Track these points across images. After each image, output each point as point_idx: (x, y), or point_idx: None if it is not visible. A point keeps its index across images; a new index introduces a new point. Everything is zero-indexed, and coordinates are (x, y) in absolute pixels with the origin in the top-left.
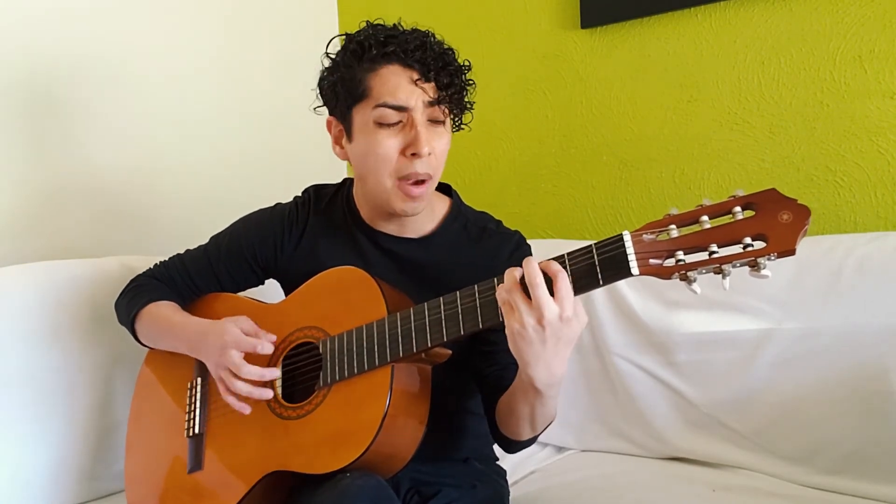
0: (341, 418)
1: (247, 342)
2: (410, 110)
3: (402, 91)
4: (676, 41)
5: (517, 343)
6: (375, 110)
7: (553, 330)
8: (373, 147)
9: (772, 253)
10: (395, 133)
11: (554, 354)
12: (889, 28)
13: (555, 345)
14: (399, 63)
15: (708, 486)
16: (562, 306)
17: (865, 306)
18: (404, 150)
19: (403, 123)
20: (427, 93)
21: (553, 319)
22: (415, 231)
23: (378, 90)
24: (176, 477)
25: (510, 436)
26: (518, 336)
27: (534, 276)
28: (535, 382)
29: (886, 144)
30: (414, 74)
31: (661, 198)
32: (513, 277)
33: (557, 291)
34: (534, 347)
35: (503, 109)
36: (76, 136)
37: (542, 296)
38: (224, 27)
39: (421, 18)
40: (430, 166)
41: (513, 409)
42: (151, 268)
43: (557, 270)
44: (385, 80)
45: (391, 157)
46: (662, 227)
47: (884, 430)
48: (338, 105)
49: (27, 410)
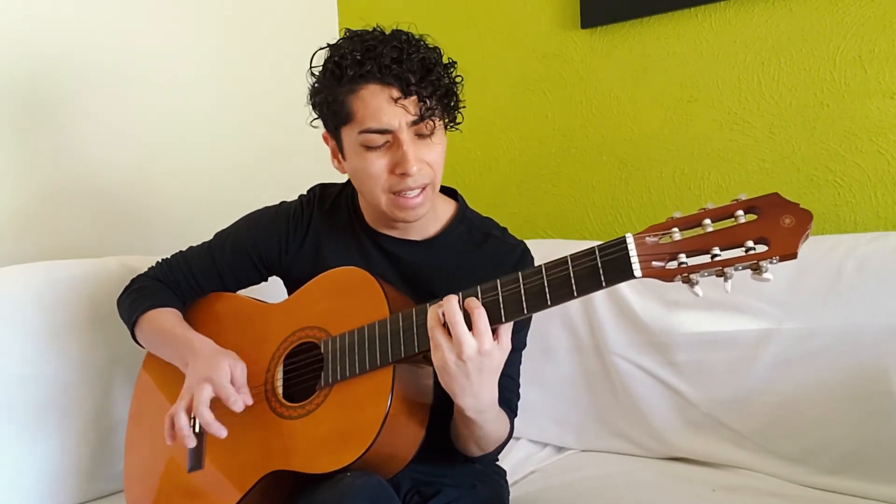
0: (342, 418)
1: (224, 389)
2: (395, 131)
3: (383, 114)
4: (676, 41)
5: (442, 377)
6: (360, 135)
7: (474, 364)
8: (363, 168)
9: (774, 256)
10: (382, 154)
11: (479, 384)
12: (889, 28)
13: (478, 376)
14: (376, 82)
15: (708, 486)
16: (480, 340)
17: (865, 306)
18: (393, 168)
19: (390, 143)
20: (408, 110)
21: (472, 354)
22: (418, 234)
23: (360, 114)
24: (175, 476)
25: (462, 452)
26: (442, 371)
27: (452, 314)
28: (466, 411)
29: (886, 144)
30: (394, 92)
31: (661, 198)
32: (435, 315)
33: (475, 326)
34: (458, 381)
35: (503, 109)
36: (76, 136)
37: (461, 333)
38: (224, 27)
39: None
40: (425, 177)
41: (457, 432)
42: (154, 266)
43: (475, 307)
44: (366, 104)
45: (381, 177)
46: (665, 229)
47: (884, 430)
48: (327, 124)
49: (27, 410)
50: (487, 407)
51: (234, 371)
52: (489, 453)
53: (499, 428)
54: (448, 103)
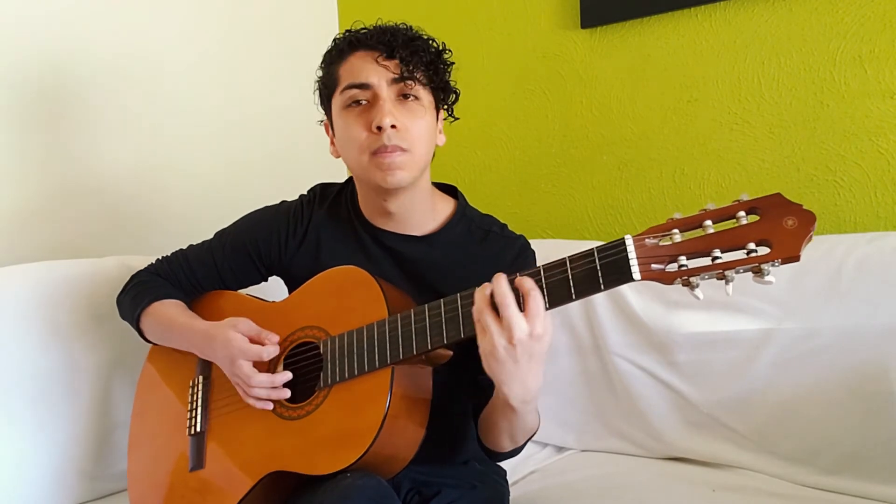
0: (342, 419)
1: (252, 351)
2: (374, 87)
3: (364, 70)
4: (676, 41)
5: (490, 362)
6: (343, 94)
7: (524, 348)
8: (345, 130)
9: (776, 259)
10: (362, 112)
11: (527, 371)
12: (889, 28)
13: (527, 362)
14: (364, 49)
15: (708, 486)
16: (532, 324)
17: (865, 306)
18: (370, 125)
19: (370, 102)
20: (390, 69)
21: (523, 338)
22: (416, 228)
23: (345, 75)
24: (178, 475)
25: (492, 447)
26: (490, 356)
27: (503, 296)
28: (511, 400)
29: (886, 144)
30: (377, 55)
31: (661, 198)
32: (483, 296)
33: (528, 309)
34: (506, 367)
35: (503, 109)
36: (76, 136)
37: (512, 315)
38: (224, 28)
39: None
40: (401, 139)
41: (492, 423)
42: (154, 263)
43: (530, 288)
44: (352, 66)
45: (361, 136)
46: (665, 231)
47: (884, 430)
48: (323, 104)
49: (27, 410)
50: (534, 396)
51: (242, 330)
52: (517, 448)
53: (535, 418)
54: (434, 78)
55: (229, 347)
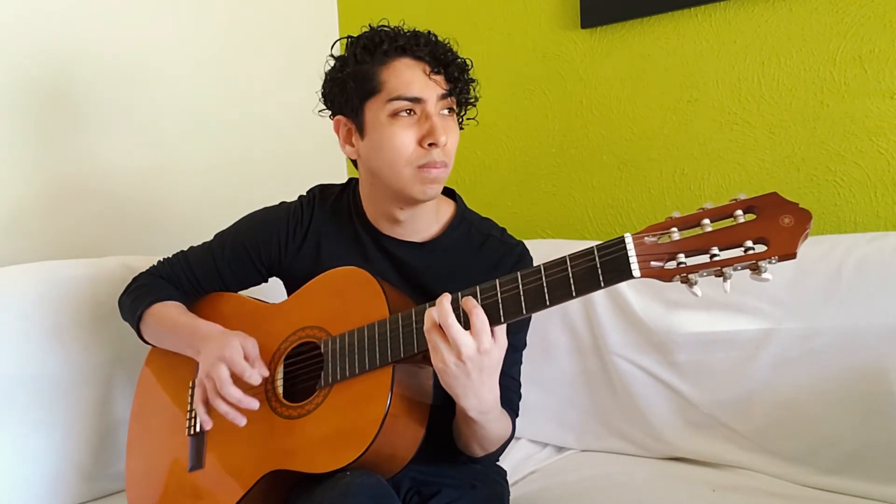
0: (342, 418)
1: (239, 364)
2: (425, 102)
3: (416, 83)
4: (676, 41)
5: (443, 378)
6: (390, 104)
7: (474, 363)
8: (388, 140)
9: (773, 256)
10: (410, 124)
11: (480, 384)
12: (889, 28)
13: (479, 376)
14: (411, 56)
15: (708, 486)
16: (479, 340)
17: (865, 306)
18: (421, 140)
19: (418, 115)
20: (440, 85)
21: (472, 354)
22: (418, 235)
23: (392, 83)
24: (176, 476)
25: (466, 453)
26: (443, 373)
27: (445, 316)
28: (468, 412)
29: (886, 144)
30: (426, 67)
31: (661, 198)
32: (431, 318)
33: (473, 326)
34: (459, 381)
35: (503, 109)
36: (77, 136)
37: (456, 334)
38: (225, 28)
39: (421, 19)
40: (446, 155)
41: (459, 432)
42: (155, 265)
43: (472, 306)
44: (399, 73)
45: (408, 149)
46: (664, 229)
47: (884, 430)
48: (347, 103)
49: (27, 410)
50: (490, 407)
51: (245, 346)
52: (491, 453)
53: (501, 427)
54: (468, 95)
55: (223, 349)
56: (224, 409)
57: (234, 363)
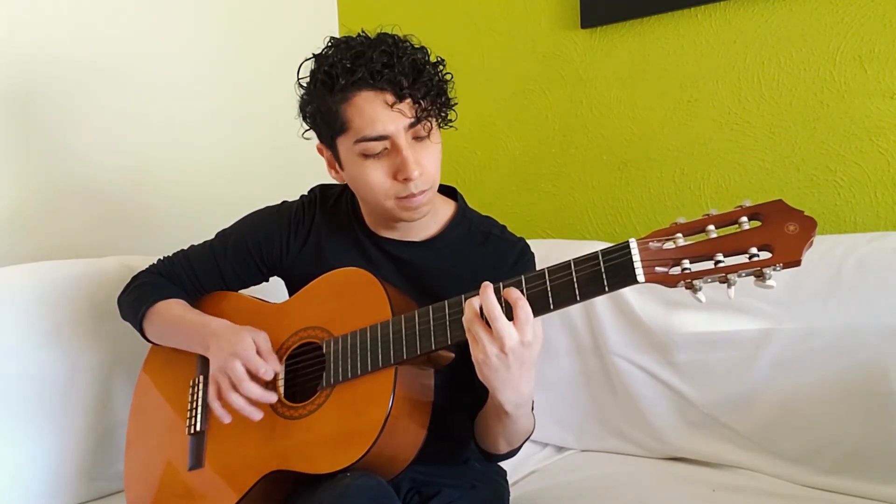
0: (343, 419)
1: (254, 361)
2: (392, 136)
3: (379, 120)
4: (676, 41)
5: (483, 371)
6: (358, 144)
7: (516, 356)
8: (363, 178)
9: (777, 263)
10: (381, 161)
11: (520, 377)
12: (889, 28)
13: (519, 368)
14: (369, 89)
15: (708, 486)
16: (522, 332)
17: (865, 306)
18: (395, 175)
19: (388, 150)
20: (405, 114)
21: (515, 346)
22: (418, 234)
23: (357, 122)
24: (176, 474)
25: (489, 450)
26: (483, 365)
27: (492, 308)
28: (505, 405)
29: (886, 144)
30: (388, 97)
31: (661, 198)
32: (472, 309)
33: (517, 318)
34: (499, 374)
35: (503, 109)
36: (76, 136)
37: (502, 327)
38: (223, 28)
39: (420, 19)
40: (426, 182)
41: (488, 427)
42: (155, 263)
43: (517, 298)
44: (361, 111)
45: (384, 185)
46: (669, 235)
47: (884, 430)
48: (322, 135)
49: (27, 410)
50: (526, 400)
51: (257, 341)
52: (514, 450)
53: (529, 422)
54: (441, 102)
55: (236, 345)
56: (240, 405)
57: (249, 360)
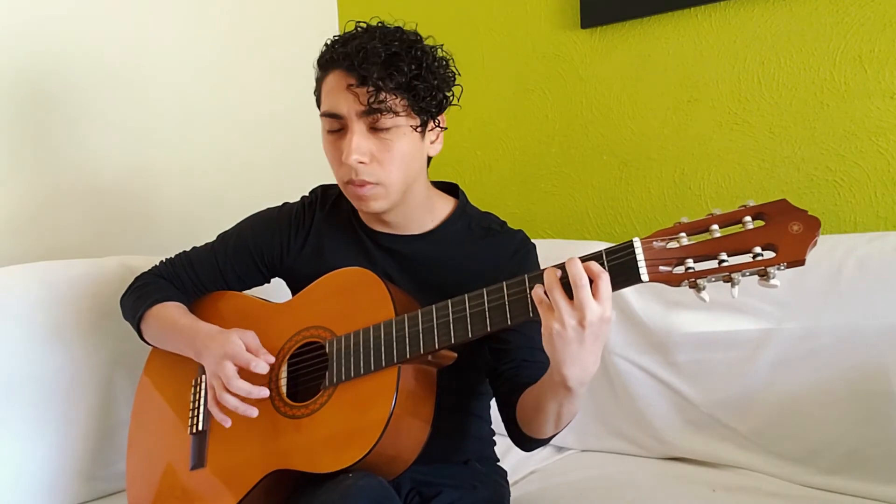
0: (346, 418)
1: (243, 357)
2: (344, 117)
3: (334, 98)
4: (676, 41)
5: (555, 342)
6: (322, 119)
7: (593, 330)
8: (327, 153)
9: (781, 263)
10: (337, 139)
11: (590, 353)
12: (889, 28)
13: (593, 343)
14: (340, 69)
15: (708, 486)
16: (604, 306)
17: (865, 306)
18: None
19: (343, 131)
20: (359, 100)
21: (594, 320)
22: (415, 230)
23: (323, 98)
24: (178, 474)
25: (532, 434)
26: (557, 336)
27: (580, 277)
28: (568, 381)
29: (886, 144)
30: (351, 80)
31: (661, 198)
32: (554, 276)
33: (600, 291)
34: (571, 347)
35: (503, 109)
36: (77, 136)
37: (585, 297)
38: (224, 28)
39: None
40: (371, 174)
41: (540, 408)
42: (158, 265)
43: (599, 272)
44: (329, 88)
45: (335, 163)
46: (672, 234)
47: (884, 430)
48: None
49: (27, 410)
50: (591, 377)
51: (245, 339)
52: (555, 434)
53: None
54: (417, 102)
55: (225, 346)
56: (234, 404)
57: (238, 357)
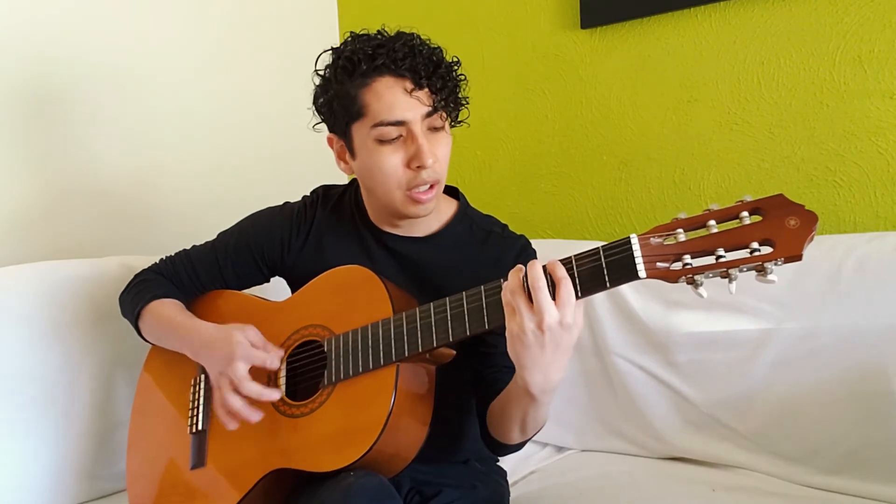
0: (345, 417)
1: (256, 356)
2: (409, 123)
3: (397, 106)
4: (676, 41)
5: (515, 346)
6: (374, 129)
7: (552, 335)
8: (376, 164)
9: (779, 258)
10: (396, 148)
11: (552, 360)
12: (889, 28)
13: (553, 350)
14: (390, 74)
15: (708, 486)
16: (563, 312)
17: (865, 306)
18: (409, 163)
19: (404, 137)
20: (423, 102)
21: (553, 325)
22: (420, 231)
23: (374, 107)
24: (178, 473)
25: (499, 439)
26: (517, 339)
27: (536, 280)
28: (531, 387)
29: (886, 144)
30: (407, 84)
31: (661, 198)
32: (517, 279)
33: (559, 296)
34: (531, 351)
35: (503, 109)
36: (77, 136)
37: (543, 300)
38: (225, 28)
39: (420, 19)
40: (435, 173)
41: (505, 413)
42: (157, 262)
43: (562, 276)
44: (380, 96)
45: (397, 172)
46: (670, 230)
47: (884, 430)
48: (336, 123)
49: (27, 410)
50: (553, 387)
51: (249, 337)
52: (523, 442)
53: (546, 413)
54: (455, 97)
55: (232, 347)
56: (238, 406)
57: (250, 356)
